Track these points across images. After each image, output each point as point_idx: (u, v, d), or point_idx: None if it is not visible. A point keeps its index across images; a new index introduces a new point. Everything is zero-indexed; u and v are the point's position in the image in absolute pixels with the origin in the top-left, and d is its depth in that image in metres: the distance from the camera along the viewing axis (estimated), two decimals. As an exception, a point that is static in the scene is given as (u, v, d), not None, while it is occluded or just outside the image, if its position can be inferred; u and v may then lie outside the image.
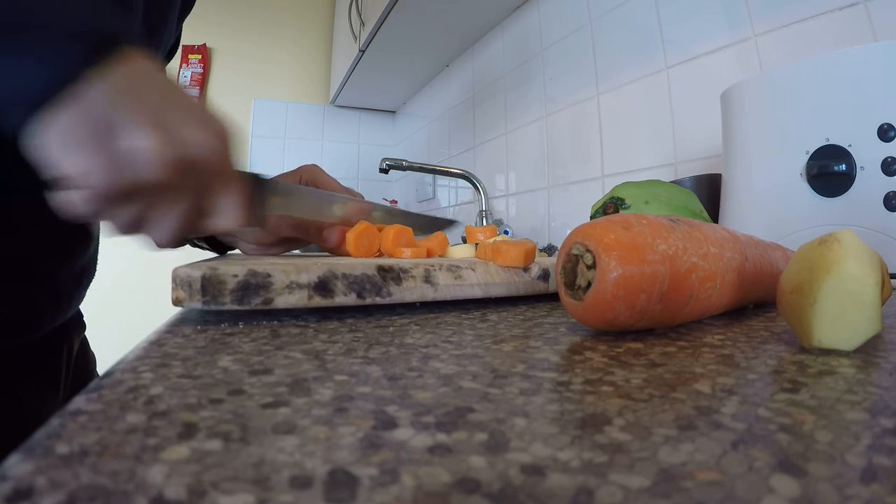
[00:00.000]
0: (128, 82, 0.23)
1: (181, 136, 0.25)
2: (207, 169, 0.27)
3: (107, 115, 0.23)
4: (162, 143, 0.24)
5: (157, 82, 0.25)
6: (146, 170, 0.24)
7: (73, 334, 0.47)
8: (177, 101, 0.26)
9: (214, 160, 0.27)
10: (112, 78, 0.23)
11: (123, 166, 0.23)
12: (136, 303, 1.70)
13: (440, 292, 0.29)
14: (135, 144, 0.23)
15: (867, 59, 0.42)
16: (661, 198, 0.44)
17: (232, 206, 0.29)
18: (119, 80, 0.23)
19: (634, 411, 0.13)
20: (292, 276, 0.25)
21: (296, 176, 0.48)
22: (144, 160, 0.24)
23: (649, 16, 0.88)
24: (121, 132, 0.23)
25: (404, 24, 1.38)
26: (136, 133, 0.23)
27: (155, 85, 0.25)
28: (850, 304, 0.18)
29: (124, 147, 0.23)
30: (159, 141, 0.24)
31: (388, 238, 0.39)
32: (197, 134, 0.25)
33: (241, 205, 0.30)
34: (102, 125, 0.23)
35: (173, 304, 0.24)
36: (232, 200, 0.29)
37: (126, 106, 0.23)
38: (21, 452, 0.10)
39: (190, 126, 0.25)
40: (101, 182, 0.23)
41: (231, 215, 0.29)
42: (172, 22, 0.48)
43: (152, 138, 0.23)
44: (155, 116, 0.24)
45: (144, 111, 0.24)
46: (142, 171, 0.24)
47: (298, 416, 0.12)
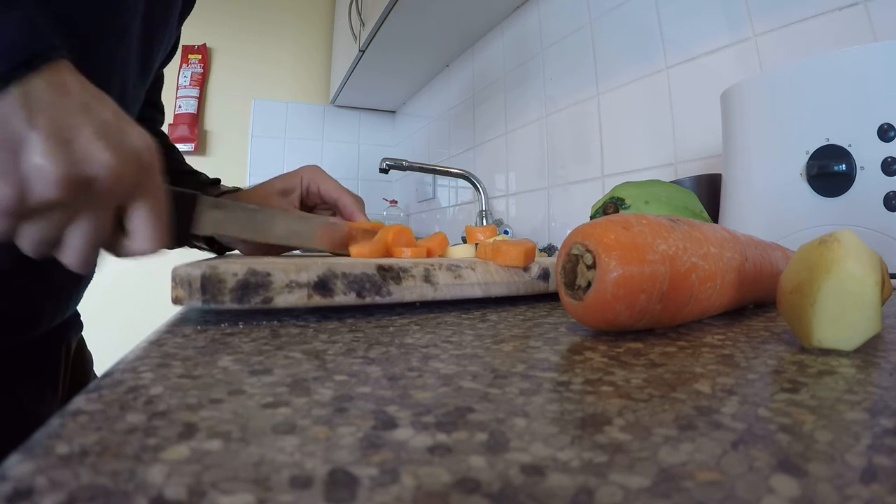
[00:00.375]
0: (39, 98, 0.23)
1: (80, 152, 0.24)
2: (109, 189, 0.25)
3: (9, 130, 0.22)
4: (56, 158, 0.23)
5: (75, 96, 0.24)
6: (41, 187, 0.23)
7: (70, 334, 0.47)
8: (90, 114, 0.24)
9: (120, 179, 0.25)
10: (25, 96, 0.22)
11: (15, 183, 0.23)
12: (135, 303, 1.70)
13: (440, 292, 0.29)
14: (31, 161, 0.22)
15: (867, 59, 0.42)
16: (661, 198, 0.44)
17: (148, 228, 0.28)
18: (30, 97, 0.22)
19: (634, 411, 0.13)
20: (292, 275, 0.25)
21: (296, 177, 0.48)
22: (39, 177, 0.23)
23: (649, 16, 0.88)
24: (20, 146, 0.22)
25: (404, 24, 1.38)
26: (33, 149, 0.22)
27: (70, 100, 0.24)
28: (850, 304, 0.18)
29: (21, 163, 0.22)
30: (54, 156, 0.23)
31: (388, 237, 0.39)
32: (100, 150, 0.24)
33: (158, 226, 0.28)
34: (5, 140, 0.22)
35: (173, 303, 0.24)
36: (146, 225, 0.28)
37: (27, 119, 0.22)
38: (21, 452, 0.10)
39: (94, 141, 0.24)
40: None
41: (147, 237, 0.28)
42: (173, 23, 0.48)
43: (47, 152, 0.23)
44: (57, 130, 0.23)
45: (47, 124, 0.23)
46: (37, 188, 0.23)
47: (298, 416, 0.12)
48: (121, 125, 0.26)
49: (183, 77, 1.94)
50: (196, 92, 1.95)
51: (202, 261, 0.27)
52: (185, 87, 1.93)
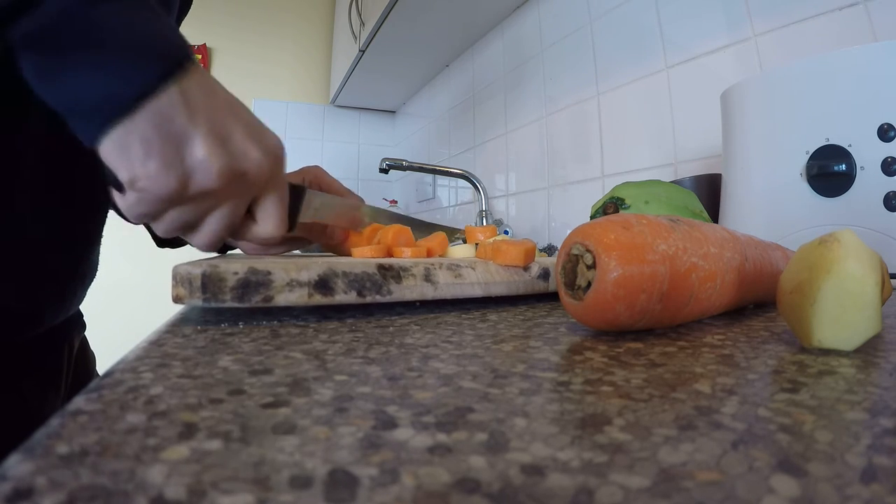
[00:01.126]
0: (190, 96, 0.25)
1: (237, 149, 0.27)
2: (257, 180, 0.29)
3: (168, 125, 0.25)
4: (219, 154, 0.26)
5: (221, 99, 0.27)
6: (202, 178, 0.26)
7: (73, 333, 0.47)
8: (237, 114, 0.28)
9: (264, 173, 0.29)
10: (174, 92, 0.25)
11: (178, 172, 0.25)
12: (136, 303, 1.70)
13: (440, 291, 0.29)
14: (193, 153, 0.25)
15: (867, 59, 0.42)
16: (661, 198, 0.44)
17: (274, 218, 0.32)
18: (181, 94, 0.25)
19: (634, 411, 0.13)
20: (292, 274, 0.25)
21: (299, 176, 0.48)
22: (201, 168, 0.26)
23: (649, 16, 0.88)
24: (180, 140, 0.25)
25: (404, 24, 1.38)
26: (195, 143, 0.25)
27: (219, 101, 0.27)
28: (850, 304, 0.18)
29: (182, 155, 0.25)
30: (217, 152, 0.26)
31: (388, 237, 0.39)
32: (252, 148, 0.28)
33: (283, 213, 0.32)
34: (162, 134, 0.25)
35: (174, 302, 0.24)
36: (275, 210, 0.32)
37: (187, 116, 0.25)
38: (21, 452, 0.10)
39: (247, 140, 0.28)
40: (160, 187, 0.25)
41: (273, 223, 0.32)
42: None
43: (211, 149, 0.26)
44: (215, 129, 0.26)
45: (204, 122, 0.26)
46: (198, 179, 0.26)
47: (298, 416, 0.12)
48: (260, 125, 0.29)
49: (183, 77, 1.94)
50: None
51: (202, 260, 0.27)
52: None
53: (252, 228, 0.32)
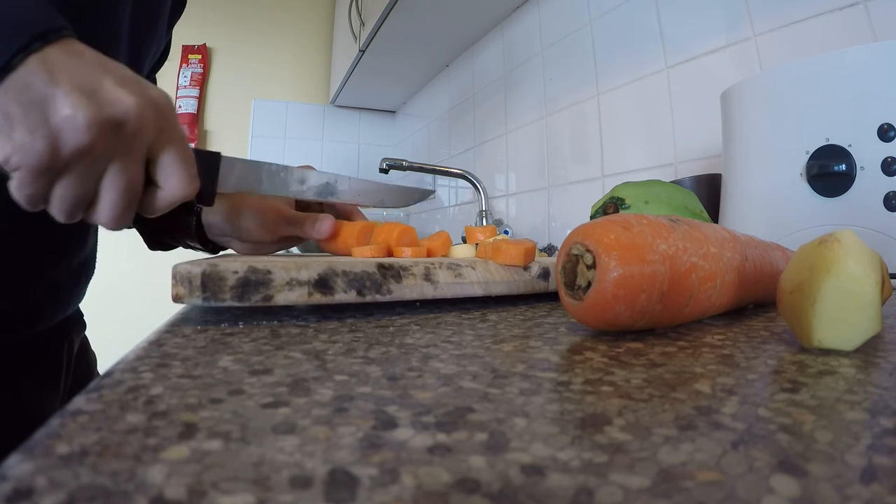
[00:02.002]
0: (57, 62, 0.24)
1: (105, 98, 0.25)
2: (137, 130, 0.26)
3: (25, 92, 0.23)
4: (84, 105, 0.24)
5: (89, 59, 0.25)
6: (71, 134, 0.24)
7: (72, 333, 0.47)
8: (108, 70, 0.26)
9: (145, 121, 0.26)
10: (43, 62, 0.24)
11: (46, 136, 0.24)
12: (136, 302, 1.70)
13: (440, 290, 0.29)
14: (59, 113, 0.24)
15: (867, 59, 0.42)
16: (661, 198, 0.44)
17: (176, 175, 0.28)
18: (48, 62, 0.24)
19: (634, 411, 0.13)
20: (292, 273, 0.25)
21: None
22: (68, 125, 0.24)
23: (649, 16, 0.88)
24: (45, 104, 0.24)
25: (404, 24, 1.38)
26: (58, 100, 0.24)
27: (85, 60, 0.25)
28: (850, 304, 0.18)
29: (50, 118, 0.24)
30: (82, 104, 0.24)
31: (392, 236, 0.39)
32: (124, 94, 0.25)
33: (187, 171, 0.29)
34: (32, 101, 0.23)
35: (173, 301, 0.24)
36: (175, 167, 0.28)
37: (44, 80, 0.23)
38: (21, 452, 0.10)
39: (116, 88, 0.25)
40: (31, 155, 0.24)
41: (177, 183, 0.28)
42: (162, 28, 0.48)
43: (75, 102, 0.24)
44: (79, 84, 0.24)
45: (68, 80, 0.24)
46: (68, 136, 0.24)
47: (298, 416, 0.12)
48: (137, 77, 0.27)
49: (183, 77, 1.94)
50: (196, 92, 1.95)
51: (202, 259, 0.27)
52: (185, 87, 1.93)
53: (157, 194, 0.29)
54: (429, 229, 1.88)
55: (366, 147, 2.25)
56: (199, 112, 1.96)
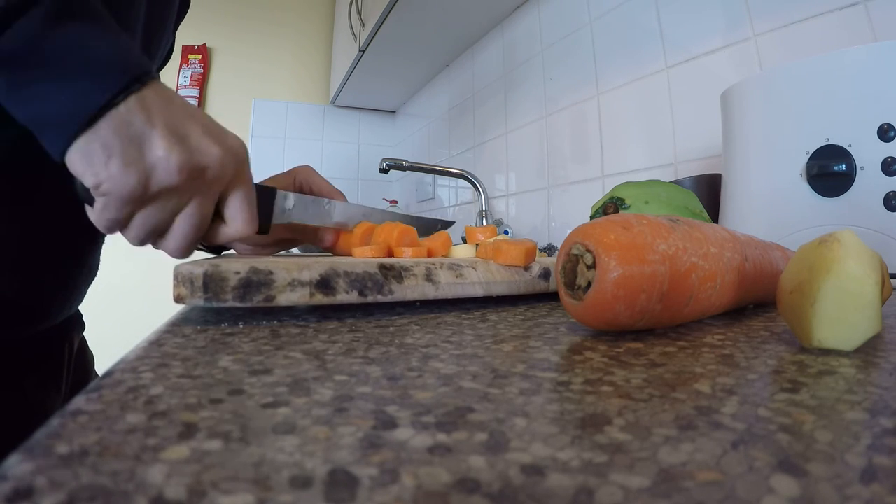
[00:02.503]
0: (146, 104, 0.27)
1: (196, 146, 0.28)
2: (218, 177, 0.30)
3: (127, 129, 0.26)
4: (177, 150, 0.27)
5: (175, 103, 0.29)
6: (163, 174, 0.27)
7: (73, 333, 0.47)
8: (195, 118, 0.29)
9: (225, 169, 0.30)
10: (132, 101, 0.26)
11: (140, 172, 0.27)
12: (136, 303, 1.70)
13: (441, 290, 0.29)
14: (152, 152, 0.27)
15: (867, 59, 0.42)
16: (661, 198, 0.44)
17: (242, 215, 0.32)
18: (139, 103, 0.27)
19: (634, 411, 0.13)
20: (294, 274, 0.25)
21: (290, 177, 0.48)
22: (161, 165, 0.27)
23: (649, 16, 0.88)
24: (139, 142, 0.27)
25: (404, 24, 1.38)
26: (153, 143, 0.27)
27: (176, 107, 0.29)
28: (850, 304, 0.18)
29: (142, 155, 0.27)
30: (175, 148, 0.27)
31: (392, 237, 0.39)
32: (210, 144, 0.29)
33: (251, 212, 0.32)
34: (121, 138, 0.26)
35: (175, 301, 0.24)
36: (242, 210, 0.32)
37: (144, 121, 0.27)
38: (21, 452, 0.10)
39: (204, 137, 0.29)
40: (118, 187, 0.27)
41: (241, 222, 0.32)
42: (169, 28, 0.49)
43: (169, 146, 0.27)
44: (171, 128, 0.27)
45: (161, 124, 0.27)
46: (159, 175, 0.27)
47: (298, 416, 0.12)
48: (219, 127, 0.31)
49: (183, 77, 1.94)
50: (196, 92, 1.95)
51: (204, 260, 0.27)
52: (185, 87, 1.93)
53: (221, 229, 0.32)
54: (429, 229, 1.88)
55: (366, 147, 2.25)
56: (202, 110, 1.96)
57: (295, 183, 0.48)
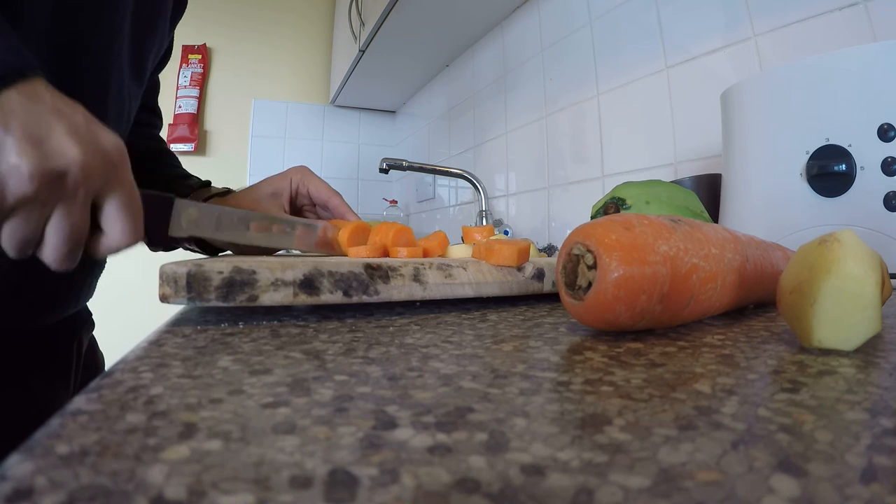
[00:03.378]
0: (14, 107, 0.25)
1: (51, 149, 0.25)
2: (81, 181, 0.26)
3: None
4: (29, 155, 0.24)
5: (47, 105, 0.26)
6: (15, 183, 0.25)
7: (81, 330, 0.47)
8: (62, 117, 0.26)
9: (89, 172, 0.27)
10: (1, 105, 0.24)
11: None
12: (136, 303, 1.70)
13: (429, 291, 0.29)
14: (6, 161, 0.24)
15: (867, 59, 0.42)
16: (661, 198, 0.44)
17: (120, 221, 0.29)
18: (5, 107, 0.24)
19: (634, 411, 0.13)
20: (277, 274, 0.25)
21: (286, 179, 0.48)
22: (12, 173, 0.24)
23: (649, 16, 0.88)
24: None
25: (404, 24, 1.38)
26: (9, 150, 0.24)
27: (42, 106, 0.26)
28: (850, 304, 0.18)
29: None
30: (27, 153, 0.24)
31: (388, 237, 0.38)
32: (70, 146, 0.26)
33: (130, 220, 0.29)
34: None
35: (160, 301, 0.24)
36: (119, 216, 0.29)
37: (3, 125, 0.24)
38: (21, 452, 0.10)
39: (65, 138, 0.26)
40: None
41: (120, 231, 0.29)
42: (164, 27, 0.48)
43: (20, 150, 0.24)
44: (30, 132, 0.25)
45: (21, 127, 0.24)
46: (12, 184, 0.25)
47: (298, 416, 0.12)
48: (90, 126, 0.27)
49: (183, 77, 1.94)
50: (196, 92, 1.95)
51: (189, 259, 0.27)
52: (185, 87, 1.93)
53: (102, 240, 0.30)
54: (428, 229, 1.88)
55: (366, 147, 2.24)
56: (198, 112, 1.96)
57: (291, 184, 0.48)
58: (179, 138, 1.89)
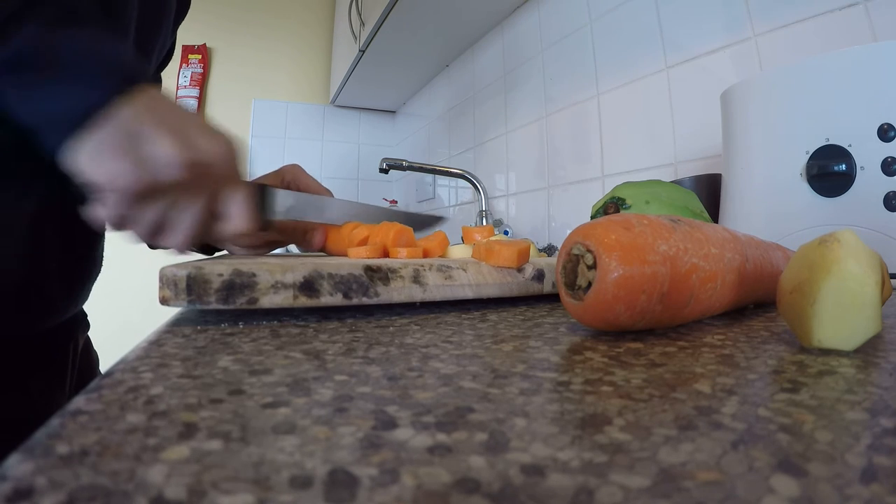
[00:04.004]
0: (149, 106, 0.28)
1: (196, 143, 0.30)
2: (218, 173, 0.31)
3: (132, 129, 0.28)
4: (180, 148, 0.29)
5: (173, 106, 0.30)
6: (166, 171, 0.29)
7: (78, 332, 0.47)
8: (190, 118, 0.31)
9: (224, 166, 0.31)
10: (136, 103, 0.28)
11: (146, 169, 0.28)
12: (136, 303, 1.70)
13: (429, 293, 0.29)
14: (157, 149, 0.28)
15: (867, 59, 0.42)
16: (661, 198, 0.44)
17: (241, 211, 0.33)
18: (142, 104, 0.28)
19: (634, 411, 0.13)
20: (277, 276, 0.25)
21: (278, 176, 0.49)
22: (164, 162, 0.28)
23: (649, 16, 0.88)
24: (144, 141, 0.28)
25: (404, 25, 1.38)
26: (158, 140, 0.28)
27: (171, 108, 0.30)
28: (850, 304, 0.18)
29: (147, 152, 0.28)
30: (178, 146, 0.28)
31: (389, 237, 0.38)
32: (209, 142, 0.30)
33: (249, 210, 0.34)
34: (128, 137, 0.27)
35: (160, 303, 0.24)
36: (240, 205, 0.33)
37: (148, 121, 0.28)
38: (21, 452, 0.10)
39: (203, 136, 0.30)
40: (127, 184, 0.28)
41: (240, 218, 0.34)
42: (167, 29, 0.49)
43: (172, 144, 0.28)
44: (173, 128, 0.29)
45: (164, 124, 0.29)
46: (162, 171, 0.29)
47: (298, 416, 0.12)
48: (213, 126, 0.32)
49: (183, 77, 1.94)
50: (196, 92, 1.95)
51: (188, 262, 0.27)
52: (185, 87, 1.93)
53: (222, 225, 0.34)
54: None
55: (366, 147, 2.24)
56: (198, 112, 1.96)
57: (283, 182, 0.49)
58: (179, 138, 1.89)
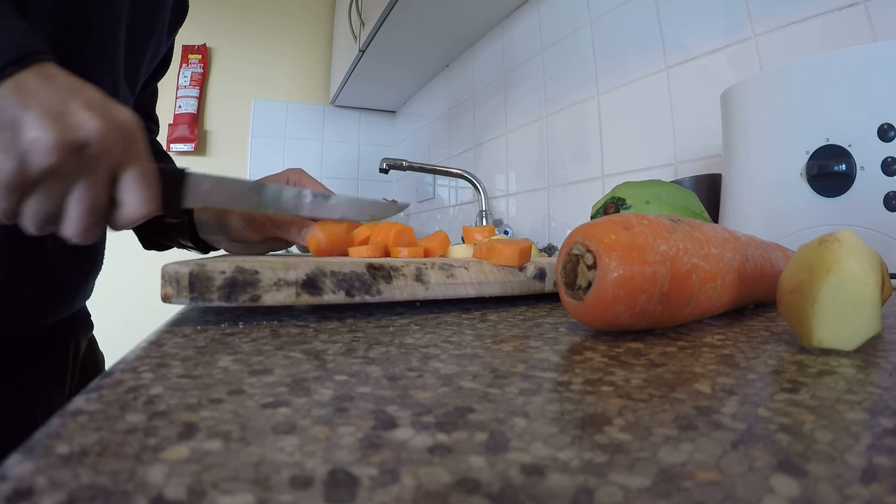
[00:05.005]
0: (31, 86, 0.26)
1: (72, 122, 0.26)
2: (102, 153, 0.27)
3: (8, 115, 0.25)
4: (52, 128, 0.25)
5: (62, 83, 0.27)
6: (39, 155, 0.25)
7: (79, 332, 0.47)
8: (78, 94, 0.27)
9: (110, 144, 0.27)
10: (16, 85, 0.25)
11: (18, 156, 0.25)
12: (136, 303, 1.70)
13: (431, 291, 0.29)
14: (28, 135, 0.25)
15: (867, 59, 0.42)
16: (661, 198, 0.44)
17: (137, 192, 0.30)
18: (22, 86, 0.25)
19: (634, 411, 0.13)
20: (280, 274, 0.25)
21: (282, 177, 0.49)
22: (36, 146, 0.25)
23: (649, 16, 0.88)
24: (16, 126, 0.25)
25: (404, 25, 1.38)
26: (27, 123, 0.25)
27: (58, 85, 0.27)
28: (850, 304, 0.18)
29: (19, 139, 0.25)
30: (48, 127, 0.25)
31: (390, 237, 0.38)
32: (89, 118, 0.26)
33: (148, 191, 0.30)
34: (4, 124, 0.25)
35: (162, 301, 0.24)
36: (136, 187, 0.29)
37: (20, 103, 0.25)
38: (21, 452, 0.10)
39: (84, 112, 0.26)
40: (1, 175, 0.25)
41: (137, 202, 0.30)
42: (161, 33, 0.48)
43: (41, 126, 0.25)
44: (49, 107, 0.26)
45: (40, 104, 0.25)
46: (36, 157, 0.25)
47: (298, 416, 0.12)
48: (106, 102, 0.28)
49: (183, 77, 1.93)
50: (196, 92, 1.95)
51: (191, 259, 0.27)
52: (185, 87, 1.93)
53: (120, 212, 0.30)
54: (428, 229, 1.88)
55: (366, 147, 2.24)
56: (198, 112, 1.96)
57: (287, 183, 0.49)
58: (179, 138, 1.89)
